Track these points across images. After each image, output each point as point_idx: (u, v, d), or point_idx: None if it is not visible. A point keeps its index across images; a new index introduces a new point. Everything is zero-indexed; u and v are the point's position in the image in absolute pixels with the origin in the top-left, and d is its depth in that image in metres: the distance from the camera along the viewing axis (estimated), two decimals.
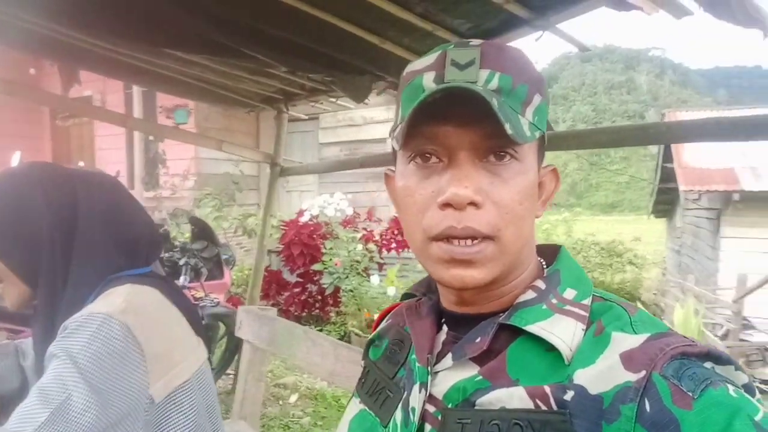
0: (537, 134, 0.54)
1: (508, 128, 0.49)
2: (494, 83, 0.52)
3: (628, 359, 0.48)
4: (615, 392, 0.47)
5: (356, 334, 5.03)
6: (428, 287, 0.69)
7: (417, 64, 0.57)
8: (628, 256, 10.56)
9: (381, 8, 1.53)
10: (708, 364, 0.48)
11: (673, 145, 9.21)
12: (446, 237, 0.53)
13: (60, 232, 0.88)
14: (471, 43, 0.55)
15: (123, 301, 0.84)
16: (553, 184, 0.62)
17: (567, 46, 1.65)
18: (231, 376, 3.69)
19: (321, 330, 5.20)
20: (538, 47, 1.62)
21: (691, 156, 8.96)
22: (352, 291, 5.21)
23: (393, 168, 0.63)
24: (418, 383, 0.58)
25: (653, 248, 13.86)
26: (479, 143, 0.53)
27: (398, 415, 0.59)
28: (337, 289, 5.34)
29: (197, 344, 0.97)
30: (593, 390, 0.48)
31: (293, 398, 3.70)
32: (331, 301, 5.53)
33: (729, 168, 8.27)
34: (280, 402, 3.64)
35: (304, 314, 5.53)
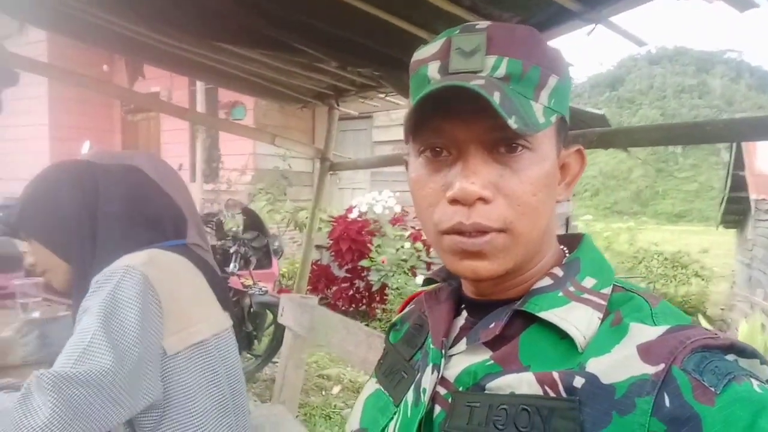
0: (553, 118, 0.52)
1: (513, 122, 0.47)
2: (502, 70, 0.51)
3: (646, 351, 0.46)
4: (629, 384, 0.45)
5: None
6: (448, 273, 0.69)
7: (423, 52, 0.55)
8: (694, 267, 9.93)
9: (429, 2, 1.53)
10: (731, 357, 0.45)
11: (744, 152, 8.65)
12: (456, 232, 0.52)
13: (85, 213, 1.00)
14: (477, 27, 0.53)
15: (146, 255, 0.94)
16: (578, 165, 0.59)
17: (634, 48, 1.58)
18: (278, 363, 3.79)
19: (367, 326, 5.24)
20: (601, 48, 1.56)
21: (764, 163, 8.38)
22: (398, 289, 5.22)
23: None
24: (431, 365, 0.58)
25: (722, 261, 13.01)
26: (488, 135, 0.51)
27: (410, 395, 0.60)
28: (383, 286, 5.36)
29: (220, 312, 1.03)
30: (606, 379, 0.46)
31: (336, 389, 3.75)
32: (377, 298, 5.57)
33: None
34: (323, 392, 3.70)
35: (351, 309, 5.60)
